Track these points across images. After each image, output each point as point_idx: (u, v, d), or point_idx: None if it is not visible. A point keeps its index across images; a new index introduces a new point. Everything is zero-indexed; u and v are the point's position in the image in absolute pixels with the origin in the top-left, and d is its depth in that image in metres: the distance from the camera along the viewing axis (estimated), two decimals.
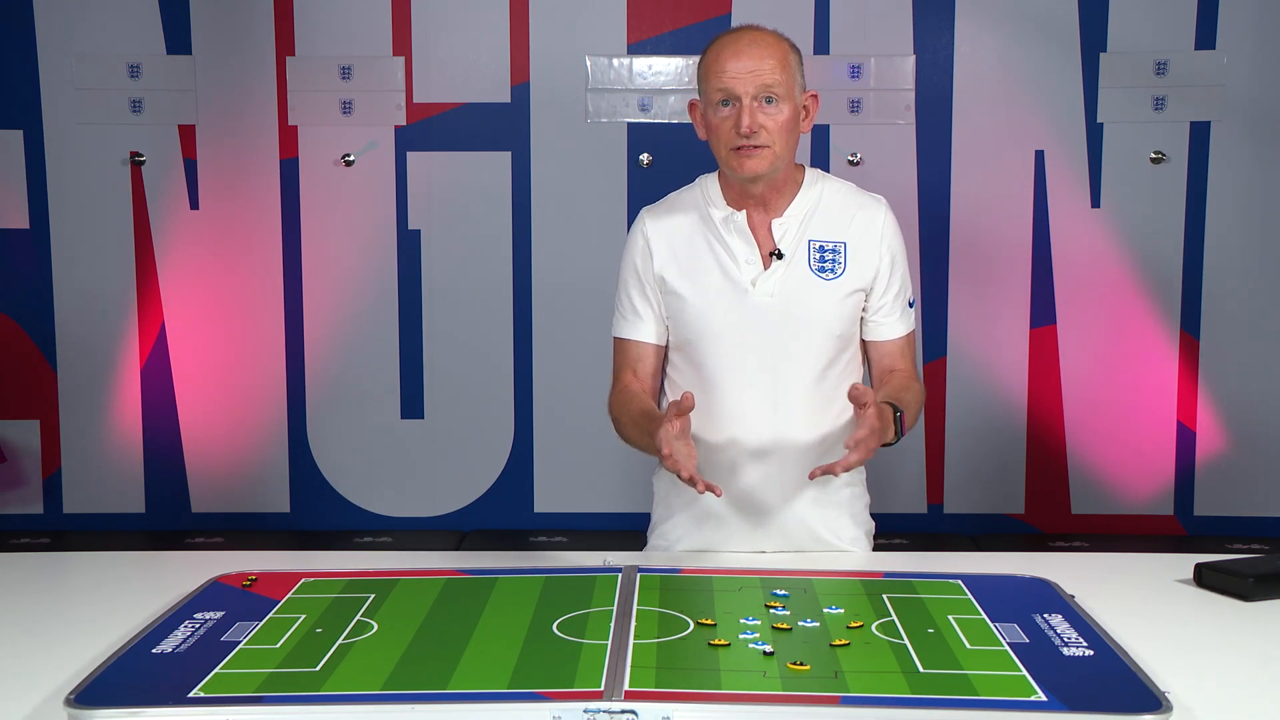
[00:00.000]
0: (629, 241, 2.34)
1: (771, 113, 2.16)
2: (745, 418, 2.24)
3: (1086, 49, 4.34)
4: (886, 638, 1.72)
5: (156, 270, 4.47)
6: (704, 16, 4.37)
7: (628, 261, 2.32)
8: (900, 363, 2.32)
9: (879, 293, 2.28)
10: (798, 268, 2.23)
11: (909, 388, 2.27)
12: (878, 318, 2.30)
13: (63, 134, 4.43)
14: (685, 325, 2.27)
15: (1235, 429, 4.44)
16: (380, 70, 4.42)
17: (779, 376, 2.23)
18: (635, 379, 2.31)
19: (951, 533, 4.47)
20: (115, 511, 4.54)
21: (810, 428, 2.25)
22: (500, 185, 4.45)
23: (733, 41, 2.18)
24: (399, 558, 2.23)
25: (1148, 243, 4.40)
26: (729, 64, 2.15)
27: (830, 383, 2.24)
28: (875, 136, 4.39)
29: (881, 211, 2.31)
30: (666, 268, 2.27)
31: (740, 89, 2.14)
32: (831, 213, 2.27)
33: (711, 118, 2.20)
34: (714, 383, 2.24)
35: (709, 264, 2.25)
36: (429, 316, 4.50)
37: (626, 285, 2.33)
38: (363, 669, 1.62)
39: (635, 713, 1.48)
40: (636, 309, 2.31)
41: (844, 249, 2.25)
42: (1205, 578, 2.03)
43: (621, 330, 2.34)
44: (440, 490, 4.55)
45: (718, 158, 2.23)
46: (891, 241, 2.29)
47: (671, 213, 2.31)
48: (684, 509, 2.33)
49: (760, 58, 2.15)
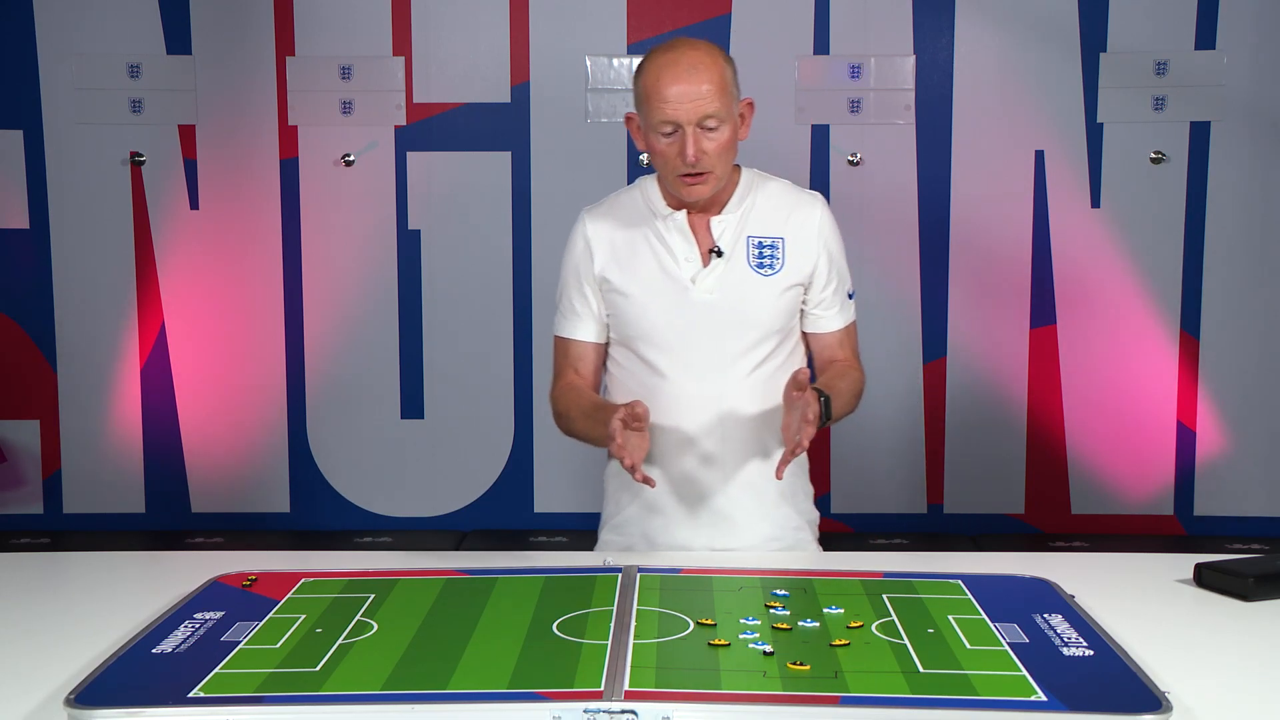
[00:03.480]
0: (569, 242, 2.37)
1: (714, 137, 2.19)
2: (689, 412, 2.27)
3: (1086, 49, 4.34)
4: (886, 638, 1.72)
5: (156, 270, 4.47)
6: (704, 16, 4.37)
7: (568, 262, 2.36)
8: (840, 353, 2.37)
9: (818, 287, 2.32)
10: (737, 264, 2.27)
11: (845, 375, 2.32)
12: (818, 311, 2.34)
13: (63, 134, 4.43)
14: (628, 323, 2.30)
15: (1235, 429, 4.44)
16: (380, 70, 4.42)
17: (721, 371, 2.27)
18: (577, 376, 2.36)
19: (951, 533, 4.47)
20: (115, 511, 4.54)
21: (753, 420, 2.28)
22: (500, 185, 4.45)
23: (672, 65, 2.18)
24: (399, 558, 2.22)
25: (1148, 243, 4.40)
26: (669, 90, 2.17)
27: (772, 375, 2.27)
28: (875, 136, 4.39)
29: (818, 208, 2.34)
30: (608, 267, 2.31)
31: (682, 118, 2.17)
32: (769, 210, 2.31)
33: (655, 142, 2.22)
34: (658, 378, 2.28)
35: (649, 262, 2.29)
36: (429, 316, 4.50)
37: (567, 286, 2.36)
38: (363, 669, 1.62)
39: (635, 713, 1.48)
40: (577, 309, 2.35)
41: (782, 244, 2.30)
42: (1205, 578, 2.03)
43: (563, 329, 2.38)
44: (440, 490, 4.55)
45: (663, 177, 2.27)
46: (828, 237, 2.33)
47: (611, 213, 2.35)
48: (633, 502, 2.35)
49: (700, 83, 2.16)
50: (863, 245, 4.43)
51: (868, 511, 4.48)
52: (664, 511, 2.32)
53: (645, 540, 2.34)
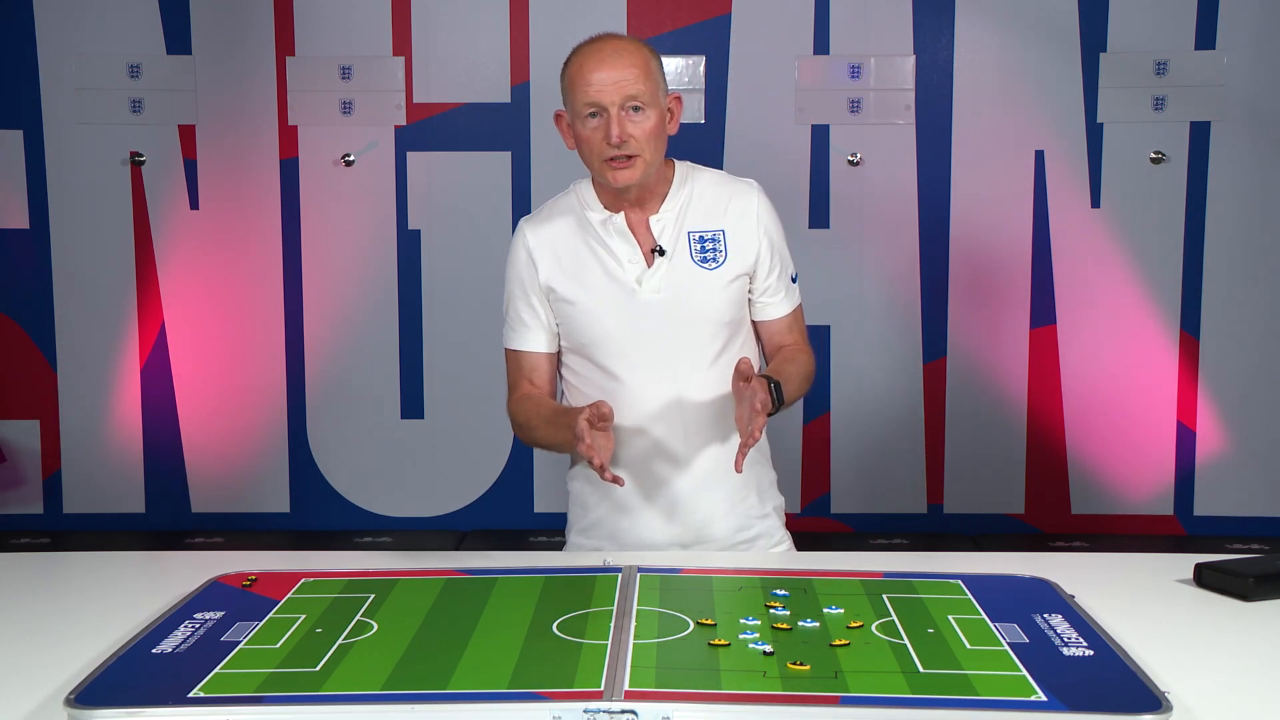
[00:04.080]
0: (511, 254, 2.37)
1: (639, 120, 2.21)
2: (649, 412, 2.28)
3: (1086, 49, 4.34)
4: (886, 638, 1.72)
5: (156, 270, 4.47)
6: (704, 16, 4.38)
7: (512, 274, 2.36)
8: (789, 337, 2.38)
9: (763, 275, 2.33)
10: (680, 261, 2.28)
11: (794, 359, 2.32)
12: (764, 298, 2.35)
13: (63, 134, 4.43)
14: (578, 330, 2.30)
15: (1235, 429, 4.44)
16: (380, 70, 4.42)
17: (676, 368, 2.27)
18: (533, 387, 2.36)
19: (951, 533, 4.47)
20: (115, 511, 4.54)
21: (712, 413, 2.28)
22: (500, 185, 4.45)
23: (595, 52, 2.23)
24: (399, 558, 2.22)
25: (1148, 243, 4.40)
26: (593, 75, 2.20)
27: (727, 368, 2.26)
28: (875, 136, 4.39)
29: (754, 195, 2.34)
30: (552, 276, 2.31)
31: (606, 99, 2.19)
32: (706, 202, 2.31)
33: (580, 129, 2.24)
34: (614, 383, 2.28)
35: (593, 268, 2.29)
36: (429, 316, 4.50)
37: (513, 297, 2.36)
38: (363, 669, 1.62)
39: (635, 713, 1.48)
40: (524, 320, 2.35)
41: (723, 236, 2.30)
42: (1205, 578, 2.03)
43: (512, 342, 2.38)
44: (440, 490, 4.55)
45: (590, 168, 2.29)
46: (768, 223, 2.33)
47: (550, 221, 2.35)
48: (600, 504, 2.35)
49: (623, 67, 2.19)
50: (863, 245, 4.43)
51: (868, 511, 4.48)
52: (631, 511, 2.32)
53: (613, 541, 2.34)
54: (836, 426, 4.47)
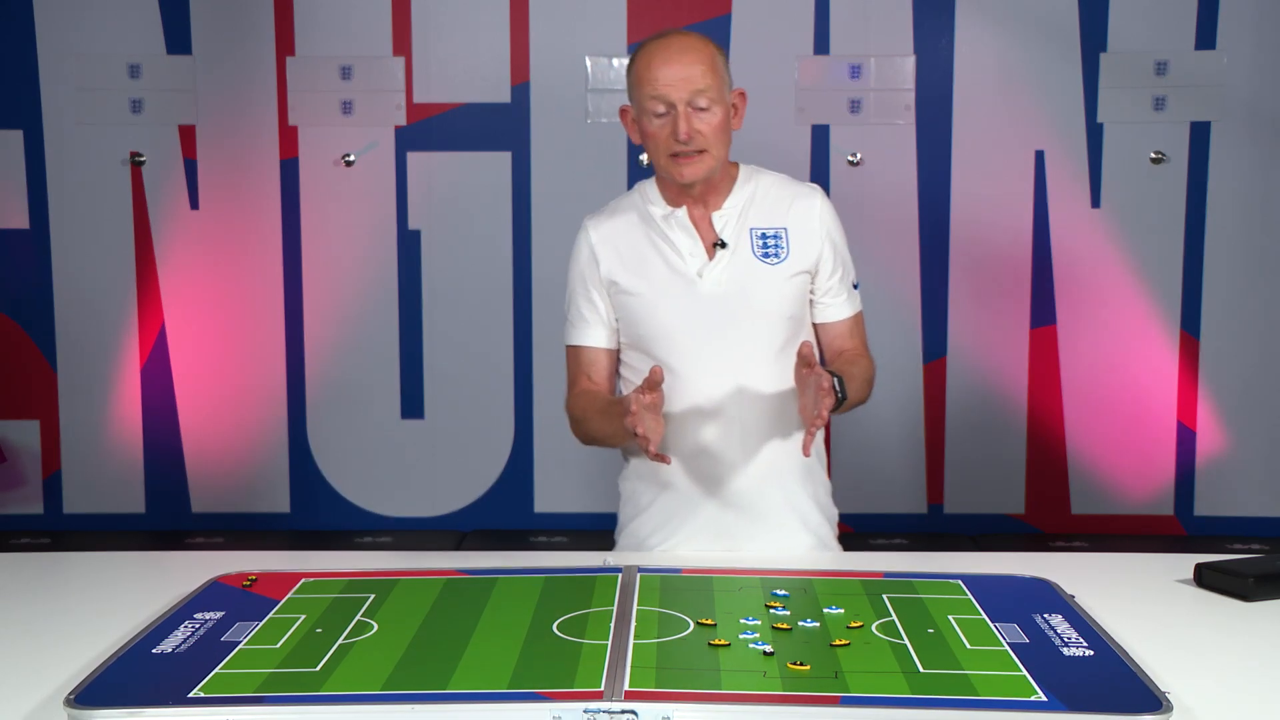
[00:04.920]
0: (574, 251, 2.38)
1: (705, 118, 2.21)
2: (707, 406, 2.27)
3: (1086, 49, 4.35)
4: (886, 638, 1.72)
5: (156, 270, 4.48)
6: (704, 16, 4.38)
7: (574, 270, 2.37)
8: (849, 342, 2.38)
9: (824, 275, 2.33)
10: (742, 255, 2.27)
11: (856, 361, 2.33)
12: (825, 300, 2.35)
13: (63, 134, 4.43)
14: (638, 323, 2.30)
15: (1235, 429, 4.44)
16: (380, 70, 4.42)
17: (736, 362, 2.26)
18: (591, 383, 2.35)
19: (951, 533, 4.47)
20: (115, 511, 4.54)
21: (771, 409, 2.28)
22: (500, 185, 4.45)
23: (662, 49, 2.22)
24: (399, 558, 2.22)
25: (1148, 243, 4.40)
26: (660, 71, 2.20)
27: (787, 363, 2.26)
28: (875, 136, 4.39)
29: (818, 199, 2.35)
30: (614, 271, 2.31)
31: (674, 95, 2.19)
32: (769, 202, 2.32)
33: (647, 125, 2.24)
34: (674, 375, 2.26)
35: (654, 261, 2.29)
36: (429, 316, 4.50)
37: (575, 294, 2.37)
38: (363, 669, 1.62)
39: (635, 713, 1.48)
40: (585, 316, 2.35)
41: (785, 234, 2.30)
42: (1205, 578, 2.02)
43: (573, 338, 2.38)
44: (440, 490, 4.55)
45: (655, 164, 2.28)
46: (830, 226, 2.33)
47: (613, 217, 2.36)
48: (652, 503, 2.34)
49: (690, 63, 2.20)
50: (863, 245, 4.39)
51: (868, 511, 4.48)
52: (684, 508, 2.30)
53: (666, 540, 2.32)
54: (837, 426, 4.47)
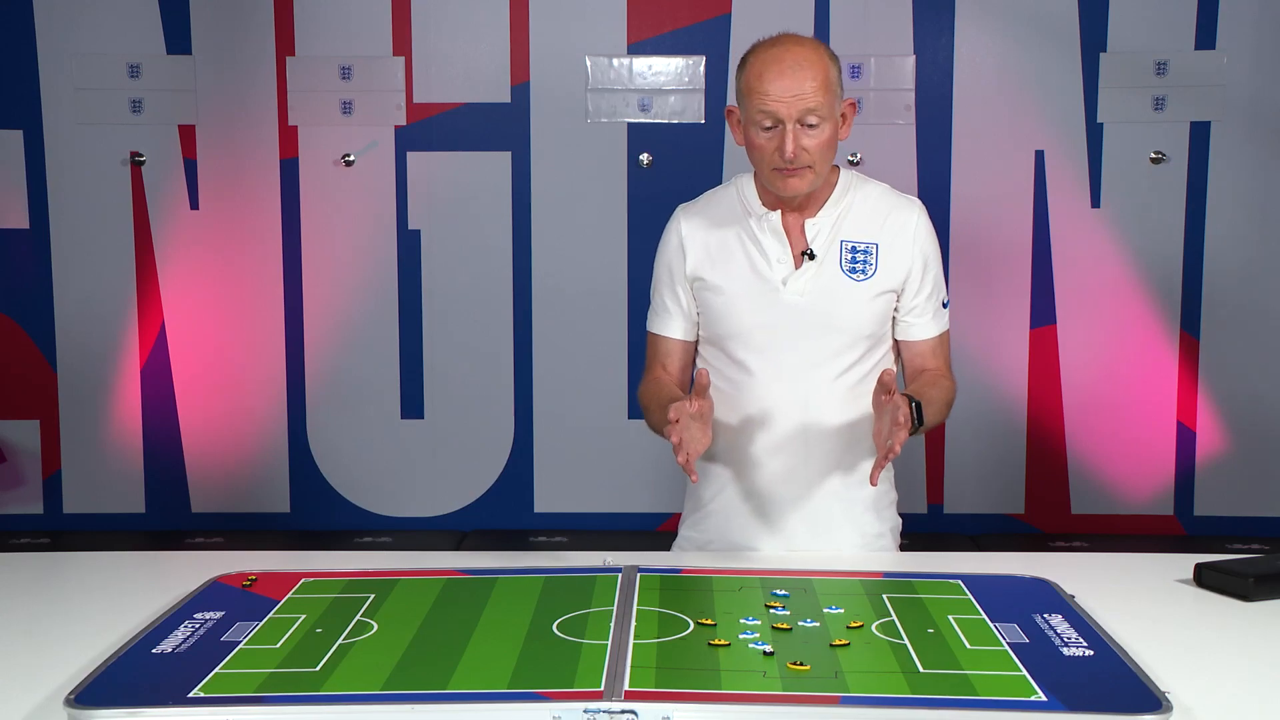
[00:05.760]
0: (664, 239, 2.37)
1: (814, 135, 2.17)
2: (775, 412, 2.27)
3: (1086, 49, 4.34)
4: (886, 638, 1.72)
5: (156, 270, 4.47)
6: (704, 16, 4.37)
7: (661, 259, 2.36)
8: (932, 362, 2.34)
9: (911, 293, 2.30)
10: (829, 268, 2.26)
11: (936, 384, 2.29)
12: (910, 318, 2.32)
13: (63, 134, 4.43)
14: (717, 321, 2.30)
15: (1235, 429, 4.44)
16: (380, 70, 4.42)
17: (809, 374, 2.26)
18: (665, 372, 2.36)
19: (951, 533, 4.47)
20: (115, 511, 4.54)
21: (839, 424, 2.27)
22: (500, 185, 4.45)
23: (776, 60, 2.17)
24: (399, 558, 2.22)
25: (1148, 243, 4.40)
26: (772, 85, 2.15)
27: (860, 381, 2.26)
28: (875, 136, 4.39)
29: (915, 213, 2.32)
30: (700, 264, 2.31)
31: (784, 113, 2.15)
32: (864, 214, 2.29)
33: (753, 136, 2.21)
34: (745, 375, 2.27)
35: (740, 261, 2.28)
36: (429, 316, 4.50)
37: (659, 282, 2.37)
38: (363, 669, 1.62)
39: (635, 713, 1.48)
40: (668, 306, 2.36)
41: (875, 250, 2.28)
42: (1205, 578, 2.03)
43: (654, 325, 2.39)
44: (440, 490, 4.55)
45: (759, 172, 2.26)
46: (924, 243, 2.31)
47: (705, 210, 2.35)
48: (712, 501, 2.36)
49: (804, 79, 2.15)
50: None
51: None
52: (746, 512, 2.32)
53: (722, 539, 2.34)
54: None
